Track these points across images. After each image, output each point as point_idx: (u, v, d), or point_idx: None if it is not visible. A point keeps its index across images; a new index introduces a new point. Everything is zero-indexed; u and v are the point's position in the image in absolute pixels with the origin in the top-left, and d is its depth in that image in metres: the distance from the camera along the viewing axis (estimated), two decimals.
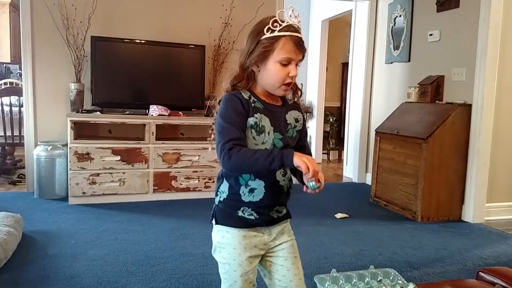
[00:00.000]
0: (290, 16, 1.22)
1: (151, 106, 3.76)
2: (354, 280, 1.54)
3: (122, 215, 3.30)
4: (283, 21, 1.20)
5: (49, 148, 3.68)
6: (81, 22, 3.78)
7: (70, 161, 3.50)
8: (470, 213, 3.50)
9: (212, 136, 1.31)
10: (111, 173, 3.59)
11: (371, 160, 4.36)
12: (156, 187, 3.73)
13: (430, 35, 3.93)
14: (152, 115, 3.72)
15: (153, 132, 3.68)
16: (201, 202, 3.72)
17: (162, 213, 3.39)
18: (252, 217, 1.25)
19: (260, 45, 1.21)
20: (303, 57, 1.25)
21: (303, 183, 1.19)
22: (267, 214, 1.27)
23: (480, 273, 1.43)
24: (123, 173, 3.63)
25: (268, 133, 1.22)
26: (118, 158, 3.60)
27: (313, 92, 6.25)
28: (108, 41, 3.81)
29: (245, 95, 1.23)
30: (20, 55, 3.93)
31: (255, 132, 1.21)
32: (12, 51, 7.40)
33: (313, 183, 1.14)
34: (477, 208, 3.48)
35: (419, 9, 4.13)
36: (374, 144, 4.10)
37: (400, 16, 4.36)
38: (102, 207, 3.47)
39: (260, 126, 1.21)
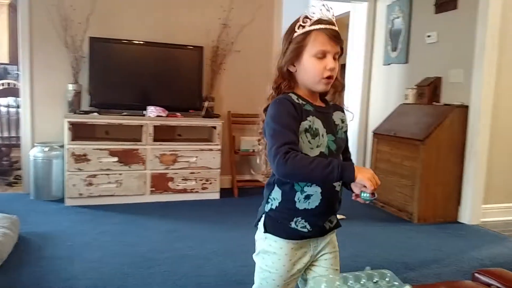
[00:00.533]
0: (321, 10, 1.20)
1: (148, 107, 3.76)
2: (350, 282, 1.53)
3: (119, 217, 3.29)
4: (314, 16, 1.19)
5: (46, 149, 3.67)
6: (79, 23, 3.78)
7: (67, 162, 3.49)
8: (467, 215, 3.50)
9: (260, 147, 1.28)
10: (108, 175, 3.59)
11: (369, 162, 4.36)
12: (153, 189, 3.73)
13: (428, 36, 3.94)
14: (149, 116, 3.72)
15: (150, 133, 3.68)
16: (198, 204, 3.72)
17: (159, 215, 3.39)
18: (305, 230, 1.21)
19: (292, 43, 1.20)
20: (342, 49, 1.21)
21: (351, 190, 1.18)
22: (320, 225, 1.24)
23: (476, 274, 1.43)
24: (120, 174, 3.62)
25: (322, 135, 1.19)
26: (115, 159, 3.59)
27: None
28: (106, 42, 3.81)
29: (294, 97, 1.19)
30: (18, 55, 3.93)
31: (310, 136, 1.17)
32: (10, 52, 7.39)
33: (369, 195, 1.10)
34: (473, 209, 3.49)
35: (417, 11, 4.13)
36: (371, 146, 4.10)
37: (398, 17, 4.36)
38: (99, 209, 3.46)
39: (314, 129, 1.18)
